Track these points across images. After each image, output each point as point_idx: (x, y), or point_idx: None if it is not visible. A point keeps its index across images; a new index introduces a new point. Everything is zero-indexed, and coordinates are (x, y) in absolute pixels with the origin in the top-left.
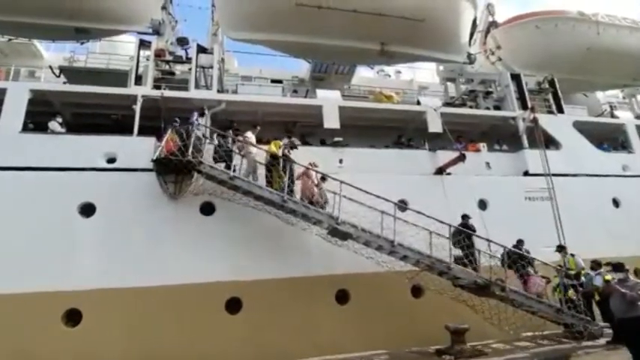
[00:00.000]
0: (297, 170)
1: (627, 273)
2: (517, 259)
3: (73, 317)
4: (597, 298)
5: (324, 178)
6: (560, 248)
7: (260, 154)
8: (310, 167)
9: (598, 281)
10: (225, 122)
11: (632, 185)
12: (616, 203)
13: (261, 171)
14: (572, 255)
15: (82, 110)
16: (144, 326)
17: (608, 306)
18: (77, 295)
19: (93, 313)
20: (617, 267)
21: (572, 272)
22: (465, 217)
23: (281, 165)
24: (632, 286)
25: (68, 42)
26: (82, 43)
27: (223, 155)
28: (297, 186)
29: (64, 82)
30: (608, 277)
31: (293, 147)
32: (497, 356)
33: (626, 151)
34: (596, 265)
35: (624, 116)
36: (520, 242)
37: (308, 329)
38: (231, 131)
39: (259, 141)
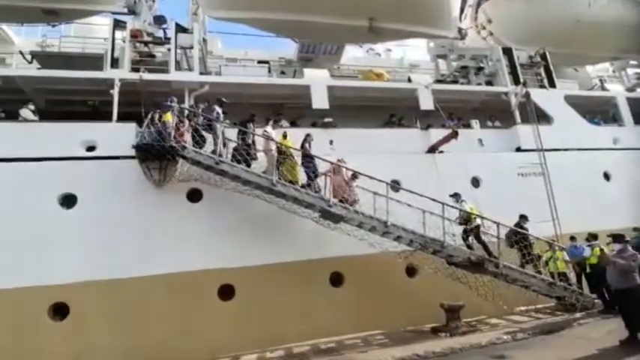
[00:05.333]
0: (324, 166)
1: (626, 244)
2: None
3: (60, 311)
4: (588, 269)
5: (355, 176)
6: (454, 195)
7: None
8: (340, 164)
9: (587, 252)
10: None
11: (622, 158)
12: (607, 177)
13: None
14: (464, 201)
15: (56, 97)
16: (133, 317)
17: (597, 277)
18: (63, 288)
19: (80, 305)
20: (617, 238)
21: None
22: (522, 217)
23: (300, 159)
24: (628, 257)
25: (38, 25)
26: (54, 26)
27: (244, 154)
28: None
29: (38, 69)
30: (606, 248)
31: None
32: (492, 331)
33: (616, 124)
34: (591, 237)
35: (615, 89)
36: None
37: (303, 313)
38: (251, 124)
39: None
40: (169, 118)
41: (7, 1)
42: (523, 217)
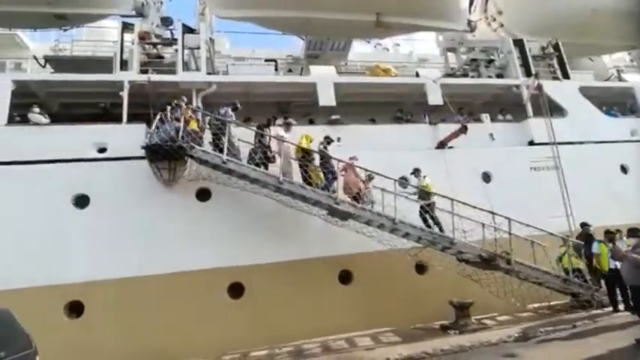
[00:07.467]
0: (338, 165)
1: None
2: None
3: (75, 309)
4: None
5: (371, 177)
6: (415, 170)
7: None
8: (352, 163)
9: (595, 248)
10: (214, 105)
11: None
12: (624, 169)
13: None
14: (425, 177)
15: (69, 100)
16: (146, 315)
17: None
18: (78, 286)
19: (94, 303)
20: (633, 232)
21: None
22: (584, 225)
23: (318, 162)
24: None
25: (51, 30)
26: (65, 30)
27: (262, 156)
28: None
29: (51, 72)
30: (621, 243)
31: (330, 142)
32: (503, 328)
33: (634, 115)
34: (609, 233)
35: (633, 79)
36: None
37: (312, 311)
38: (269, 130)
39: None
40: (195, 125)
41: (21, 7)
42: (587, 226)
